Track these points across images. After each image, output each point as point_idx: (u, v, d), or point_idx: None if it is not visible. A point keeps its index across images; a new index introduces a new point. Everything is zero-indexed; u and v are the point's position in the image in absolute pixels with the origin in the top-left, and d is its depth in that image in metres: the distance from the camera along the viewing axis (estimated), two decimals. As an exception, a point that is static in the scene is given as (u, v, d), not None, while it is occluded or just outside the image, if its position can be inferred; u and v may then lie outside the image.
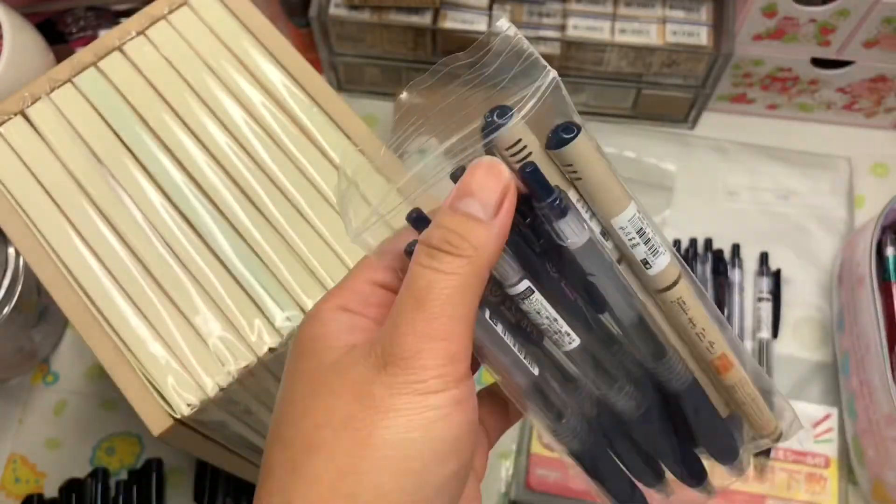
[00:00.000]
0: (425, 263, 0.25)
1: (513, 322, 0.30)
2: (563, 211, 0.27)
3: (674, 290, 0.30)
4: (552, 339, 0.30)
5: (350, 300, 0.28)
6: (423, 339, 0.24)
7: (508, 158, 0.27)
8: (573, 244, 0.28)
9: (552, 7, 0.68)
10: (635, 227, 0.29)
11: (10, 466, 0.63)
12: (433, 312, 0.24)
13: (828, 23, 0.62)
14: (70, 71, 0.42)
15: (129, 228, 0.40)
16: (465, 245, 0.25)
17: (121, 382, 0.37)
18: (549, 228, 0.28)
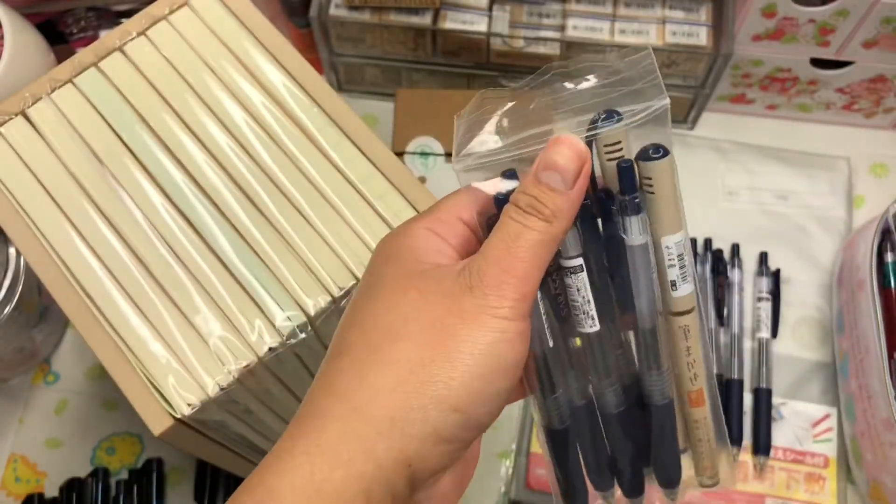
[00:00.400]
0: (515, 218, 0.30)
1: (552, 293, 0.33)
2: (638, 208, 0.31)
3: (685, 317, 0.33)
4: (576, 318, 0.33)
5: (438, 226, 0.32)
6: (506, 274, 0.29)
7: (604, 153, 0.31)
8: (633, 241, 0.32)
9: (552, 8, 0.68)
10: (678, 251, 0.32)
11: (11, 466, 0.63)
12: (518, 255, 0.29)
13: (827, 23, 0.62)
14: (71, 71, 0.43)
15: (130, 228, 0.40)
16: (547, 211, 0.30)
17: (121, 382, 0.37)
18: (620, 220, 0.32)
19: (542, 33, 0.67)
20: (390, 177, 0.41)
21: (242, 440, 0.45)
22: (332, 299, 0.39)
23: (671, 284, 0.33)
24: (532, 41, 0.67)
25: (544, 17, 0.68)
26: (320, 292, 0.39)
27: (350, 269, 0.39)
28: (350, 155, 0.41)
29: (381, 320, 0.30)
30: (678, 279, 0.33)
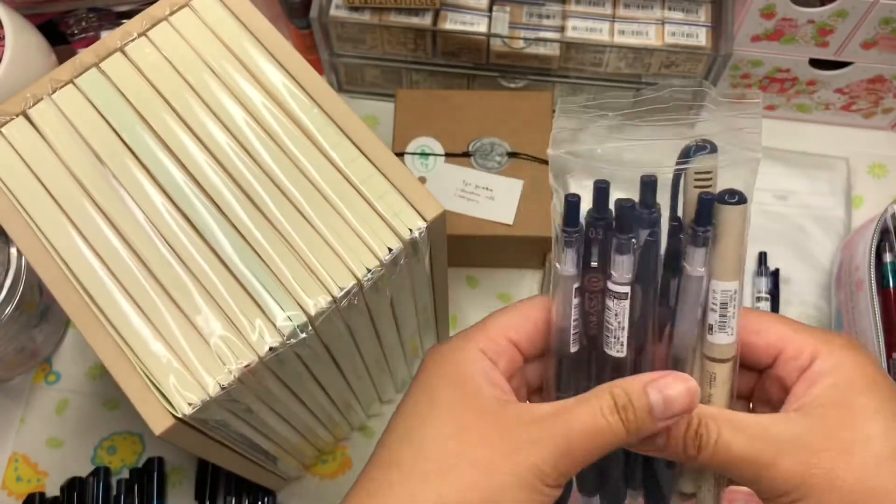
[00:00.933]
0: (605, 414, 0.31)
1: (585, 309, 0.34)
2: (706, 242, 0.32)
3: (716, 364, 0.34)
4: (606, 340, 0.34)
5: (488, 347, 0.34)
6: (570, 456, 0.31)
7: (693, 180, 0.32)
8: (692, 272, 0.33)
9: (551, 8, 0.68)
10: (724, 298, 0.33)
11: (12, 465, 0.64)
12: (587, 447, 0.31)
13: (826, 24, 0.62)
14: (72, 72, 0.43)
15: (131, 228, 0.40)
16: (633, 427, 0.31)
17: (122, 382, 0.37)
18: (686, 250, 0.33)
19: (542, 34, 0.67)
20: (390, 177, 0.41)
21: (243, 439, 0.45)
22: (332, 299, 0.39)
23: (709, 328, 0.34)
24: (532, 42, 0.67)
25: (544, 18, 0.68)
26: (321, 292, 0.39)
27: (350, 269, 0.39)
28: (350, 155, 0.41)
29: (437, 449, 0.31)
30: (716, 325, 0.34)
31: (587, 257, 0.34)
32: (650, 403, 0.31)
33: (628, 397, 0.31)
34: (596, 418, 0.31)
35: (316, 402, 0.50)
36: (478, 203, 0.61)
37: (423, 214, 0.40)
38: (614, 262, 0.33)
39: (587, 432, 0.31)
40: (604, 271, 0.34)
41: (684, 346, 0.34)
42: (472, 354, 0.34)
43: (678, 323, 0.34)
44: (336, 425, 0.58)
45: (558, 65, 0.69)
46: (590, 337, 0.35)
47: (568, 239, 0.34)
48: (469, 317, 0.67)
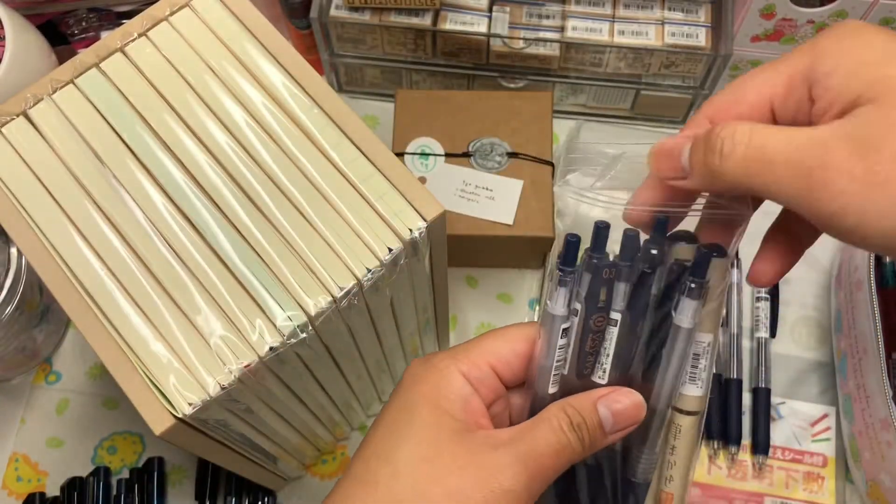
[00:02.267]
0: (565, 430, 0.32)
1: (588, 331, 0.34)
2: (699, 295, 0.33)
3: (683, 417, 0.35)
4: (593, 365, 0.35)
5: (471, 371, 0.34)
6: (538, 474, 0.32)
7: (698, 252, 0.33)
8: (682, 322, 0.33)
9: (551, 9, 0.68)
10: (697, 349, 0.34)
11: (13, 465, 0.64)
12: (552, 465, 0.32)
13: (826, 24, 0.62)
14: (72, 72, 0.43)
15: (131, 228, 0.40)
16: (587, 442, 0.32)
17: (122, 381, 0.37)
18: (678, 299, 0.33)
19: (542, 34, 0.67)
20: (390, 177, 0.41)
21: (243, 439, 0.45)
22: (332, 299, 0.39)
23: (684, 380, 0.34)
24: (532, 42, 0.67)
25: (544, 19, 0.68)
26: (321, 292, 0.39)
27: (350, 269, 0.39)
28: (350, 155, 0.41)
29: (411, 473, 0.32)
30: (686, 376, 0.34)
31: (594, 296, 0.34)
32: (600, 419, 0.33)
33: (580, 414, 0.32)
34: (557, 435, 0.32)
35: (316, 401, 0.50)
36: (478, 203, 0.61)
37: (423, 214, 0.40)
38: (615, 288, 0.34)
39: (551, 451, 0.32)
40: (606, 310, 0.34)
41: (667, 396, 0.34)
42: (454, 377, 0.34)
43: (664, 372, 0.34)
44: (336, 425, 0.59)
45: (558, 65, 0.69)
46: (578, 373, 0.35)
47: (563, 278, 0.34)
48: (469, 317, 0.67)
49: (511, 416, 0.37)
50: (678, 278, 0.33)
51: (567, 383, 0.35)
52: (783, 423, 0.62)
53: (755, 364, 0.64)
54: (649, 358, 0.34)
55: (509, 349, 0.35)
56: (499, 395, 0.36)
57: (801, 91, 0.30)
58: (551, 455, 0.32)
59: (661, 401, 0.34)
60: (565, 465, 0.32)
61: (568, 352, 0.34)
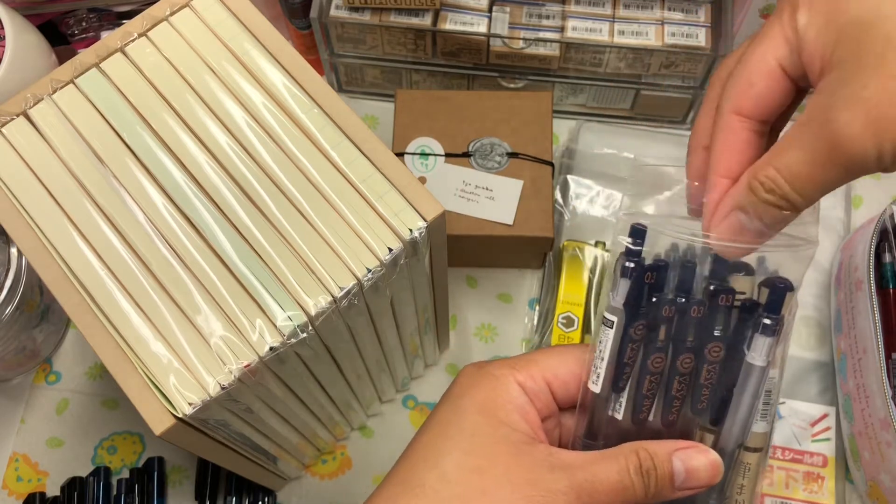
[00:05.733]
0: (632, 476, 0.31)
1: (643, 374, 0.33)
2: (773, 332, 0.31)
3: (751, 454, 0.34)
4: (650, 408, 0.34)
5: (528, 383, 0.34)
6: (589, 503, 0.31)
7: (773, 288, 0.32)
8: (755, 360, 0.32)
9: (551, 9, 0.68)
10: (769, 386, 0.33)
11: (13, 465, 0.64)
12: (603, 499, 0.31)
13: (825, 24, 0.62)
14: (72, 72, 0.43)
15: (131, 228, 0.40)
16: (652, 491, 0.32)
17: (122, 381, 0.37)
18: (753, 338, 0.32)
19: (542, 34, 0.67)
20: (390, 177, 0.41)
21: (244, 439, 0.45)
22: (332, 299, 0.39)
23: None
24: (532, 42, 0.67)
25: (544, 19, 0.68)
26: (321, 292, 0.39)
27: (350, 269, 0.39)
28: (350, 155, 0.41)
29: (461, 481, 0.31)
30: (759, 414, 0.33)
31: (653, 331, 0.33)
32: (673, 471, 0.32)
33: (653, 461, 0.31)
34: (621, 476, 0.31)
35: (316, 401, 0.50)
36: (478, 203, 0.61)
37: (423, 214, 0.40)
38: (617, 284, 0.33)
39: (610, 489, 0.31)
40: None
41: (736, 437, 0.33)
42: (511, 386, 0.33)
43: (734, 413, 0.33)
44: (336, 425, 0.59)
45: (558, 65, 0.69)
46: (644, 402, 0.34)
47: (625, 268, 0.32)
48: (469, 317, 0.67)
49: (561, 438, 0.36)
50: (749, 314, 0.32)
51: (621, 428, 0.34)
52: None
53: (755, 364, 0.64)
54: (717, 400, 0.33)
55: (567, 369, 0.34)
56: (552, 414, 0.35)
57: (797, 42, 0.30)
58: (608, 493, 0.31)
59: (731, 442, 0.33)
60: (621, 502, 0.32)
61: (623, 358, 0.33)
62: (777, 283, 0.31)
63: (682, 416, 0.33)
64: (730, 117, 0.31)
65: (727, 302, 0.32)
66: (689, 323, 0.32)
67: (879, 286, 0.58)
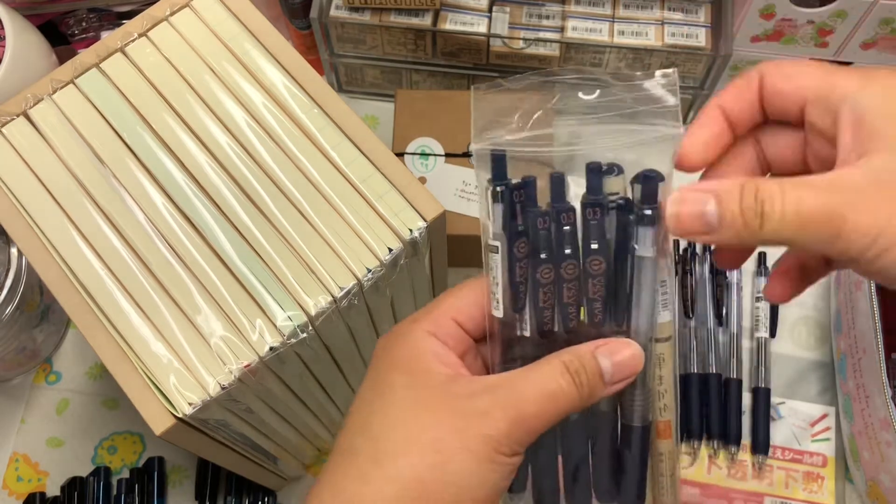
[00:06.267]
0: (559, 380, 0.31)
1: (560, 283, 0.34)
2: (653, 220, 0.32)
3: (662, 344, 0.34)
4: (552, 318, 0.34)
5: (436, 329, 0.34)
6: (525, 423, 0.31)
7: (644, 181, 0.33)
8: (644, 252, 0.33)
9: (551, 9, 0.68)
10: (664, 275, 0.33)
11: (13, 465, 0.64)
12: (542, 414, 0.31)
13: (825, 24, 0.62)
14: (72, 72, 0.43)
15: (132, 228, 0.40)
16: (585, 391, 0.32)
17: (123, 381, 0.37)
18: (636, 231, 0.32)
19: (542, 34, 0.67)
20: (390, 177, 0.41)
21: (244, 439, 0.45)
22: (332, 299, 0.39)
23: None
24: (532, 42, 0.67)
25: (544, 19, 0.68)
26: (321, 292, 0.39)
27: (350, 269, 0.39)
28: (350, 155, 0.41)
29: (389, 433, 0.31)
30: (660, 305, 0.34)
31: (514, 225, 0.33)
32: (600, 368, 0.32)
33: (579, 362, 0.32)
34: (548, 383, 0.31)
35: (316, 401, 0.50)
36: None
37: (423, 214, 0.40)
38: (492, 211, 0.33)
39: (540, 397, 0.31)
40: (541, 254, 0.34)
41: (646, 329, 0.34)
42: (420, 336, 0.34)
43: (637, 307, 0.34)
44: (336, 425, 0.59)
45: (558, 65, 0.69)
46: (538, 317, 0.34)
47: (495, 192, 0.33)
48: (469, 317, 0.67)
49: (486, 367, 0.37)
50: (628, 212, 0.33)
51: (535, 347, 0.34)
52: (783, 423, 0.62)
53: (755, 364, 0.64)
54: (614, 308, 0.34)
55: (469, 300, 0.35)
56: (468, 348, 0.35)
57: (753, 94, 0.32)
58: (539, 401, 0.31)
59: (640, 336, 0.34)
60: (558, 414, 0.31)
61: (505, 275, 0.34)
62: (647, 175, 0.32)
63: (587, 328, 0.34)
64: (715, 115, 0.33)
65: (594, 215, 0.33)
66: (566, 232, 0.33)
67: (879, 286, 0.58)
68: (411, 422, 0.31)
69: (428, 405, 0.32)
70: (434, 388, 0.32)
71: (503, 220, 0.33)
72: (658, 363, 0.34)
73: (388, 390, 0.33)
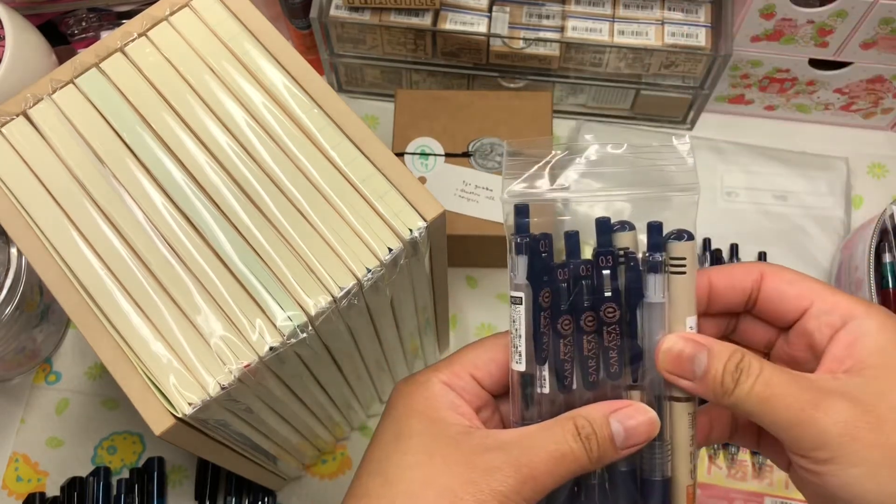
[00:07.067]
0: (569, 440, 0.32)
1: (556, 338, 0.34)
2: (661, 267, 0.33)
3: (689, 403, 0.34)
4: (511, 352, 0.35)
5: (453, 381, 0.35)
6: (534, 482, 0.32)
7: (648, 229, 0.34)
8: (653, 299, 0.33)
9: (551, 9, 0.68)
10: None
11: (13, 465, 0.64)
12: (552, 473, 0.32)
13: (825, 24, 0.62)
14: (72, 72, 0.43)
15: (131, 228, 0.40)
16: (595, 455, 0.32)
17: (122, 381, 0.37)
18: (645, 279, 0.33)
19: (542, 34, 0.67)
20: (390, 177, 0.41)
21: (244, 439, 0.45)
22: (332, 299, 0.39)
23: None
24: (532, 42, 0.67)
25: (544, 19, 0.68)
26: (321, 292, 0.39)
27: (350, 269, 0.39)
28: (350, 155, 0.41)
29: (403, 479, 0.32)
30: None
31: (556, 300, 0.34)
32: (612, 433, 0.32)
33: (591, 426, 0.32)
34: (559, 445, 0.32)
35: (316, 401, 0.50)
36: (478, 203, 0.61)
37: (423, 214, 0.40)
38: (515, 263, 0.34)
39: (550, 459, 0.32)
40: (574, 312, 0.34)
41: (657, 383, 0.34)
42: (437, 387, 0.35)
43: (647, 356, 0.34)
44: (336, 425, 0.59)
45: (558, 65, 0.69)
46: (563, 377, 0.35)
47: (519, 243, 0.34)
48: (469, 317, 0.67)
49: (503, 423, 0.37)
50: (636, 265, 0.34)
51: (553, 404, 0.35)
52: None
53: (755, 364, 0.64)
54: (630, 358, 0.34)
55: (488, 357, 0.36)
56: (485, 404, 0.36)
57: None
58: (549, 461, 0.32)
59: (657, 389, 0.34)
60: (567, 475, 0.32)
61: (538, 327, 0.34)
62: (651, 224, 0.33)
63: (605, 382, 0.34)
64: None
65: (607, 262, 0.33)
66: (583, 284, 0.34)
67: (879, 286, 0.58)
68: (426, 466, 0.32)
69: (443, 454, 0.32)
70: (449, 437, 0.33)
71: (527, 270, 0.34)
72: (689, 423, 0.34)
73: (404, 435, 0.33)
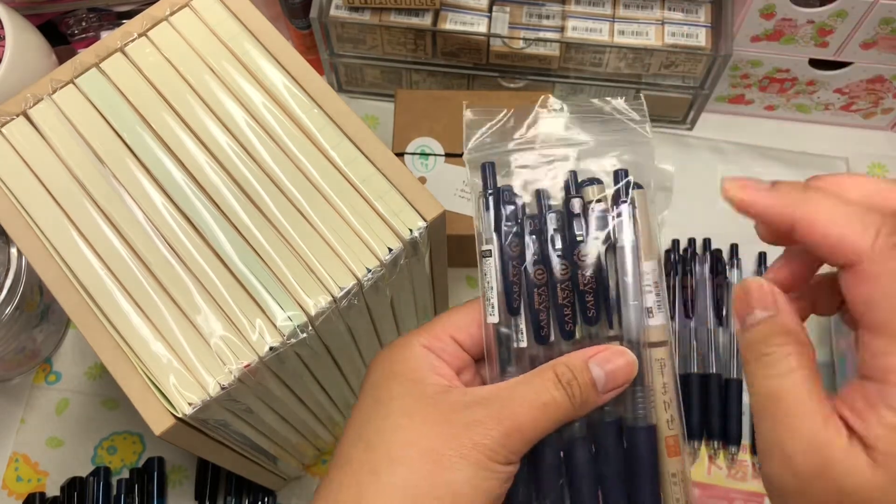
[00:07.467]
0: (550, 389, 0.32)
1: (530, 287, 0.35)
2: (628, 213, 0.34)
3: (660, 349, 0.34)
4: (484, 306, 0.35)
5: (433, 344, 0.35)
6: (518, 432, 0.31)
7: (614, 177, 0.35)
8: (621, 241, 0.33)
9: (551, 9, 0.68)
10: (654, 277, 0.34)
11: (13, 465, 0.64)
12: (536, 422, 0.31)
13: (826, 24, 0.62)
14: (72, 72, 0.43)
15: (131, 228, 0.40)
16: (577, 400, 0.32)
17: (122, 381, 0.37)
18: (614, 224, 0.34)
19: (542, 34, 0.67)
20: (390, 177, 0.41)
21: (243, 439, 0.45)
22: (332, 299, 0.39)
23: (648, 312, 0.34)
24: (532, 42, 0.67)
25: (544, 19, 0.68)
26: (321, 292, 0.39)
27: (350, 269, 0.39)
28: (350, 155, 0.41)
29: (385, 440, 0.32)
30: (654, 307, 0.34)
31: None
32: (593, 378, 0.32)
33: (571, 373, 0.32)
34: (540, 394, 0.32)
35: (316, 401, 0.50)
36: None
37: (423, 214, 0.40)
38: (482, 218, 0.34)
39: (533, 409, 0.31)
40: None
41: (637, 323, 0.34)
42: (416, 350, 0.34)
43: (623, 301, 0.34)
44: (336, 425, 0.59)
45: (558, 65, 0.69)
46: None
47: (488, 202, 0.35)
48: (469, 317, 0.67)
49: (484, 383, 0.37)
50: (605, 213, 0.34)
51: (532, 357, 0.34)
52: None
53: (755, 364, 0.64)
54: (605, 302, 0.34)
55: (469, 319, 0.35)
56: (465, 364, 0.35)
57: None
58: (532, 412, 0.31)
59: (632, 332, 0.34)
60: (552, 424, 0.32)
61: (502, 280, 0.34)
62: (617, 173, 0.34)
63: (583, 332, 0.34)
64: None
65: (577, 209, 0.34)
66: (556, 233, 0.34)
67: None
68: (407, 429, 0.32)
69: (423, 414, 0.32)
70: (428, 397, 0.32)
71: (494, 222, 0.34)
72: (660, 370, 0.34)
73: (384, 399, 0.33)
